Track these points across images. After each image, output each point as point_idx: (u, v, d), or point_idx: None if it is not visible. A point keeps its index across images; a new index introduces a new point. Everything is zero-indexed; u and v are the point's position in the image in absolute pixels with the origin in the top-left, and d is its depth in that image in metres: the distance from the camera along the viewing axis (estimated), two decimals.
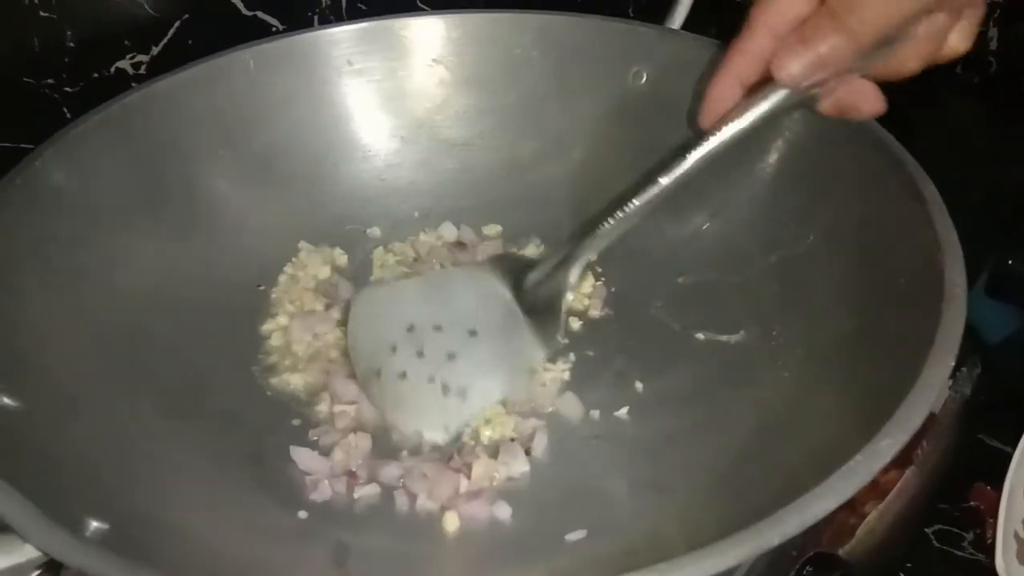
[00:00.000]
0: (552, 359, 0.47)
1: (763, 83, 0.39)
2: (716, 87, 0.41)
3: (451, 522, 0.39)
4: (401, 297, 0.50)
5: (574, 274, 0.46)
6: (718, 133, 0.40)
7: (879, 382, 0.34)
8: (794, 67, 0.37)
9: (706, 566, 0.26)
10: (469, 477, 0.41)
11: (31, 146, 0.45)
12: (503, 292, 0.49)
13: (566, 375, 0.47)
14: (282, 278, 0.53)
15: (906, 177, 0.42)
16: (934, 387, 0.31)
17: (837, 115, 0.40)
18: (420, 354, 0.46)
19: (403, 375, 0.45)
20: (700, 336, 0.48)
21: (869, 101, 0.39)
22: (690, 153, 0.41)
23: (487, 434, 0.44)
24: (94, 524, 0.31)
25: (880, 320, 0.39)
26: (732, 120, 0.40)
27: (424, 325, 0.47)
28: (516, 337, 0.48)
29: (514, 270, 0.50)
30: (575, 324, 0.50)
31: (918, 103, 0.71)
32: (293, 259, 0.54)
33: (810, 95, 0.39)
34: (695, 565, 0.26)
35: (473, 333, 0.47)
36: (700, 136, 0.41)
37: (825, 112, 0.40)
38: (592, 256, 0.47)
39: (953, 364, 0.32)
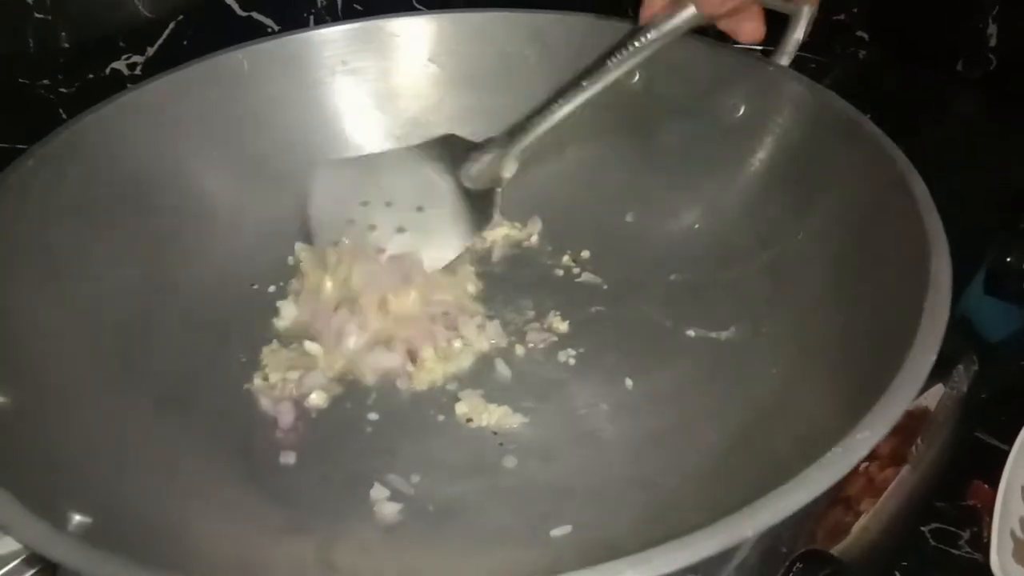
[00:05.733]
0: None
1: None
2: None
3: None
4: (356, 174, 0.56)
5: (508, 167, 0.52)
6: (644, 36, 0.48)
7: (864, 375, 0.34)
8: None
9: (677, 559, 0.26)
10: None
11: (26, 146, 0.46)
12: (446, 172, 0.55)
13: (571, 361, 0.47)
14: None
15: (895, 173, 0.42)
16: (915, 381, 0.31)
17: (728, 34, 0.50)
18: (372, 228, 0.53)
19: None
20: (691, 333, 0.48)
21: (748, 31, 0.49)
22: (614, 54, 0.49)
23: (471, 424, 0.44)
24: (77, 518, 0.31)
25: (867, 314, 0.39)
26: (656, 25, 0.47)
27: (376, 201, 0.54)
28: (456, 212, 0.54)
29: (456, 153, 0.55)
30: (564, 324, 0.50)
31: (920, 100, 0.71)
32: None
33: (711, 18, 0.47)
34: (664, 557, 0.26)
35: (420, 209, 0.54)
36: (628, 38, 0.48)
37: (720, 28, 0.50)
38: (522, 148, 0.52)
39: (935, 357, 0.32)
